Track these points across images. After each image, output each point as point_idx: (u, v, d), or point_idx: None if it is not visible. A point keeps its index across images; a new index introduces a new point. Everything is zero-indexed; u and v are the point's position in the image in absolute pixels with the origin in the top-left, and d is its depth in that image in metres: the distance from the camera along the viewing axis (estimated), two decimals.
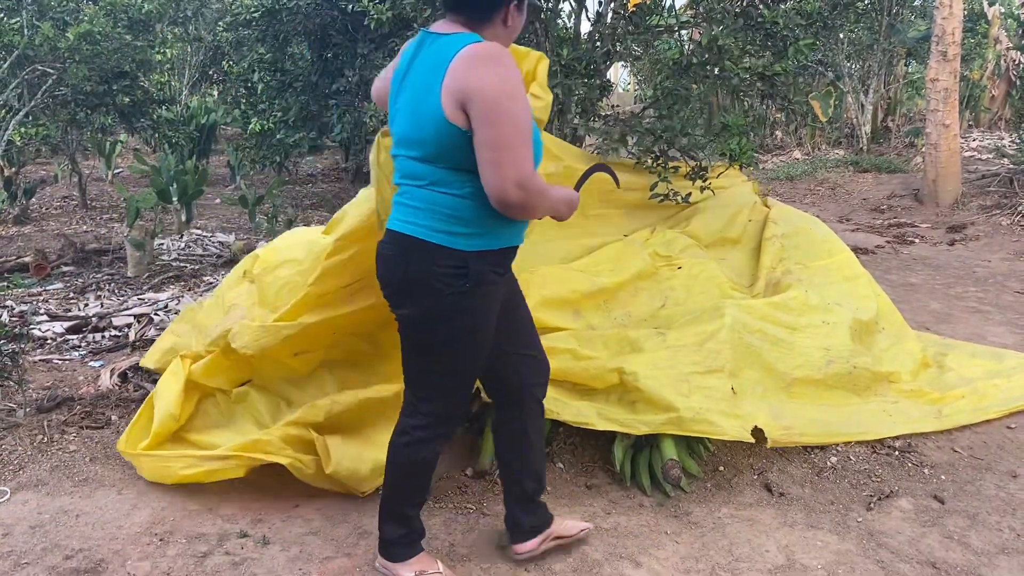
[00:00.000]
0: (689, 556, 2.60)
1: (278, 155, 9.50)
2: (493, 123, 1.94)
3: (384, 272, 2.24)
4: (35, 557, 2.54)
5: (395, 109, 2.20)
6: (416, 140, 2.10)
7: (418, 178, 2.13)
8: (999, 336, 4.67)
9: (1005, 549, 2.66)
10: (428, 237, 2.10)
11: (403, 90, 2.15)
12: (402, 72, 2.18)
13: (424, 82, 2.05)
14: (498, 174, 1.95)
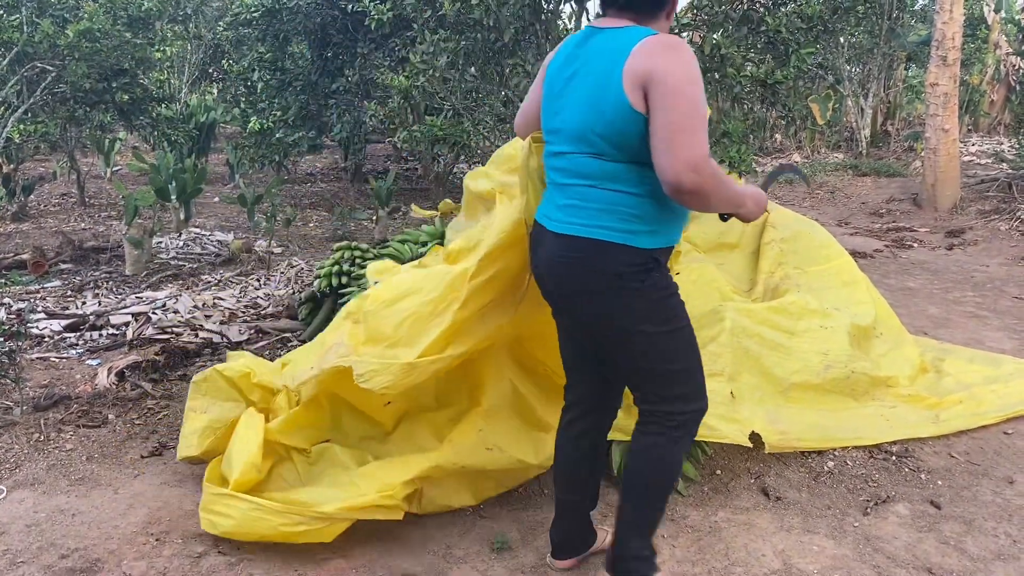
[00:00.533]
0: (685, 560, 2.60)
1: (277, 154, 9.51)
2: (672, 107, 1.90)
3: (558, 281, 2.17)
4: (31, 556, 2.54)
5: (559, 105, 2.15)
6: (594, 133, 2.04)
7: (593, 177, 2.07)
8: (997, 341, 4.67)
9: (1001, 555, 2.67)
10: (611, 238, 2.05)
11: (572, 84, 2.11)
12: (565, 67, 2.15)
13: (602, 71, 2.02)
14: (672, 155, 1.89)
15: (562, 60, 2.18)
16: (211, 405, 3.04)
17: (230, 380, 3.02)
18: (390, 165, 11.46)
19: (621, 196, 2.06)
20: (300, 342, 4.49)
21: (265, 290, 5.69)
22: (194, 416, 3.03)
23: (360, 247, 4.62)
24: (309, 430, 2.93)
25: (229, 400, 3.04)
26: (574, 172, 2.11)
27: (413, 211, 4.22)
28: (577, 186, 2.10)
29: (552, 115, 2.18)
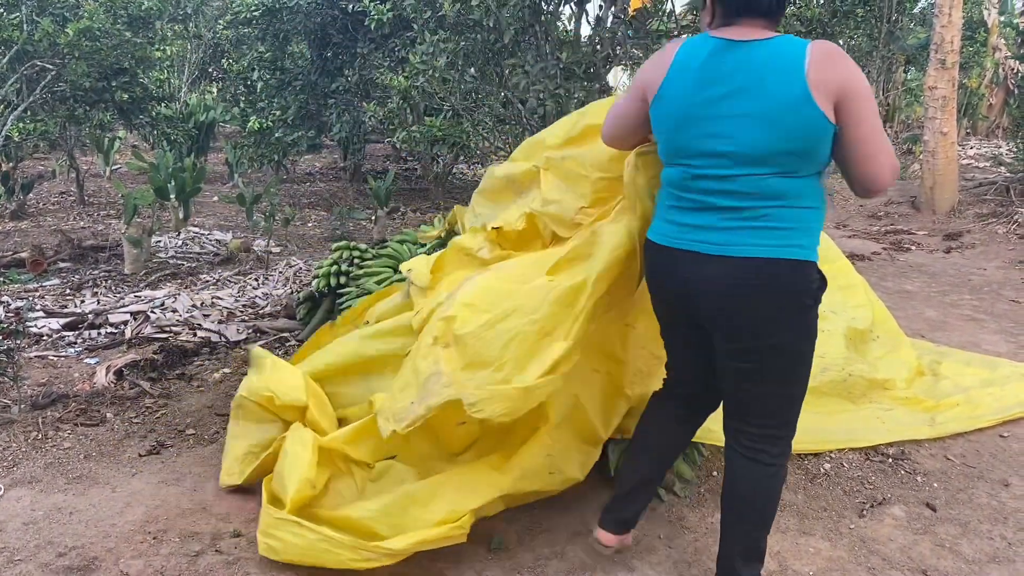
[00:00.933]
0: (682, 561, 2.61)
1: (276, 153, 9.51)
2: (871, 113, 1.94)
3: (736, 308, 2.06)
4: (28, 554, 2.54)
5: (717, 128, 2.02)
6: (783, 152, 1.96)
7: (783, 196, 1.99)
8: (993, 344, 4.69)
9: (996, 558, 2.67)
10: (805, 256, 2.02)
11: (734, 104, 2.00)
12: (709, 86, 2.04)
13: (779, 87, 1.94)
14: (880, 163, 1.95)
15: (698, 77, 2.05)
16: (247, 429, 2.97)
17: (257, 404, 2.94)
18: (389, 165, 11.47)
19: (808, 212, 2.03)
20: (298, 342, 4.49)
21: (263, 289, 5.69)
22: (235, 443, 2.97)
23: (359, 247, 4.63)
24: (375, 443, 2.78)
25: (265, 422, 2.95)
26: (754, 195, 2.00)
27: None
28: (760, 208, 2.00)
29: (704, 138, 2.04)
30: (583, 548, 2.64)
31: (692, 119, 2.06)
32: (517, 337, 2.45)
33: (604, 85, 5.31)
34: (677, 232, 2.13)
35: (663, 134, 2.16)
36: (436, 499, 2.52)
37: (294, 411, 2.89)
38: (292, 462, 2.61)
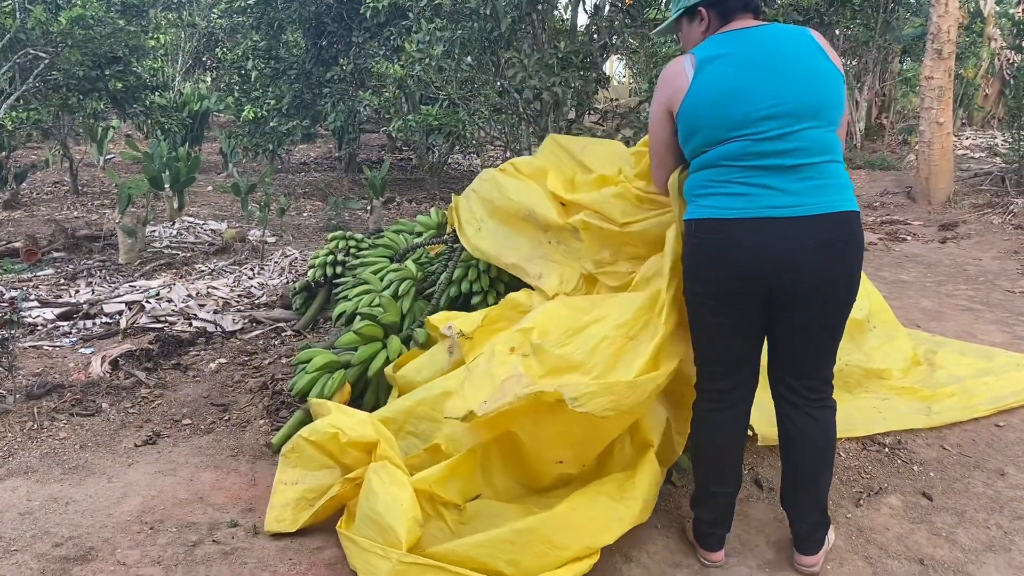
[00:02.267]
0: (679, 551, 2.61)
1: (271, 143, 9.48)
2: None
3: (826, 264, 2.20)
4: (24, 544, 2.53)
5: (765, 90, 2.19)
6: (822, 104, 2.21)
7: (829, 151, 2.22)
8: (989, 334, 4.69)
9: (992, 546, 2.68)
10: (856, 208, 2.25)
11: (772, 70, 2.21)
12: (744, 64, 2.22)
13: (803, 50, 2.24)
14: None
15: (734, 58, 2.23)
16: (303, 476, 2.79)
17: (318, 445, 2.76)
18: (384, 155, 11.43)
19: (840, 166, 2.27)
20: (294, 332, 4.48)
21: (259, 279, 5.68)
22: (286, 488, 2.77)
23: (355, 237, 4.61)
24: (463, 483, 2.66)
25: (322, 468, 2.77)
26: (812, 149, 2.20)
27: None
28: (816, 164, 2.20)
29: (761, 103, 2.19)
30: None
31: (742, 91, 2.20)
32: (604, 342, 2.51)
33: (601, 74, 5.29)
34: (744, 202, 2.20)
35: (708, 119, 2.24)
36: (564, 534, 2.39)
37: (360, 449, 2.67)
38: (390, 503, 2.39)
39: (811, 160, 2.19)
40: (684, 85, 2.26)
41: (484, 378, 2.53)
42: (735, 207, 2.21)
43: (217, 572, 2.43)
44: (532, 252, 3.21)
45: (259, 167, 10.79)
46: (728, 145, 2.22)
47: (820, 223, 2.17)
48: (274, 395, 3.60)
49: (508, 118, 6.19)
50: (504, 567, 2.31)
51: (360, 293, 3.94)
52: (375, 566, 2.31)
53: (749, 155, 2.20)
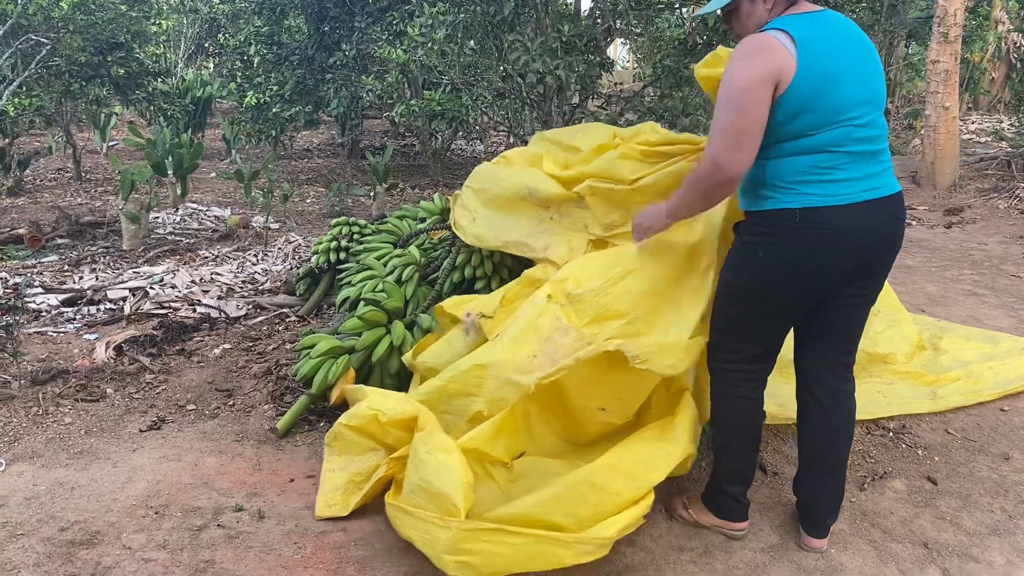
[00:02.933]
0: (683, 534, 2.61)
1: (274, 129, 9.46)
2: None
3: (893, 241, 2.36)
4: (31, 528, 2.54)
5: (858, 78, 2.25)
6: (883, 90, 2.33)
7: (886, 136, 2.34)
8: (994, 319, 4.68)
9: (996, 530, 2.68)
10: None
11: (854, 59, 2.26)
12: (835, 50, 2.23)
13: (864, 39, 2.31)
14: None
15: (829, 41, 2.23)
16: (348, 462, 2.81)
17: (359, 429, 2.78)
18: (387, 141, 11.41)
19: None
20: (298, 317, 4.48)
21: (263, 265, 5.68)
22: (333, 475, 2.80)
23: (358, 222, 4.61)
24: (509, 440, 2.69)
25: (366, 451, 2.80)
26: (884, 135, 2.32)
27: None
28: (886, 148, 2.33)
29: (857, 90, 2.24)
30: None
31: (843, 76, 2.22)
32: (642, 294, 2.57)
33: (605, 59, 5.26)
34: (849, 188, 2.24)
35: (818, 100, 2.19)
36: (615, 479, 2.39)
37: (401, 427, 2.68)
38: (440, 469, 2.36)
39: (884, 145, 2.32)
40: (791, 61, 2.15)
41: (529, 331, 2.56)
42: (842, 193, 2.23)
43: (222, 556, 2.44)
44: (534, 228, 3.18)
45: (262, 153, 10.77)
46: (833, 131, 2.21)
47: (895, 201, 2.33)
48: (278, 380, 3.61)
49: (511, 103, 6.15)
50: (563, 520, 2.30)
51: (364, 279, 3.94)
52: (433, 535, 2.27)
53: (851, 141, 2.23)
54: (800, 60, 2.15)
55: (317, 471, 2.92)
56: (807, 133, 2.21)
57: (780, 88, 2.17)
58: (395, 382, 3.45)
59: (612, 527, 2.29)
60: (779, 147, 2.24)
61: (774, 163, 2.25)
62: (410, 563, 2.43)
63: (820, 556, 2.52)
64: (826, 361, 2.48)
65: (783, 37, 2.19)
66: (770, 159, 2.26)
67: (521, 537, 2.22)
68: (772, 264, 2.28)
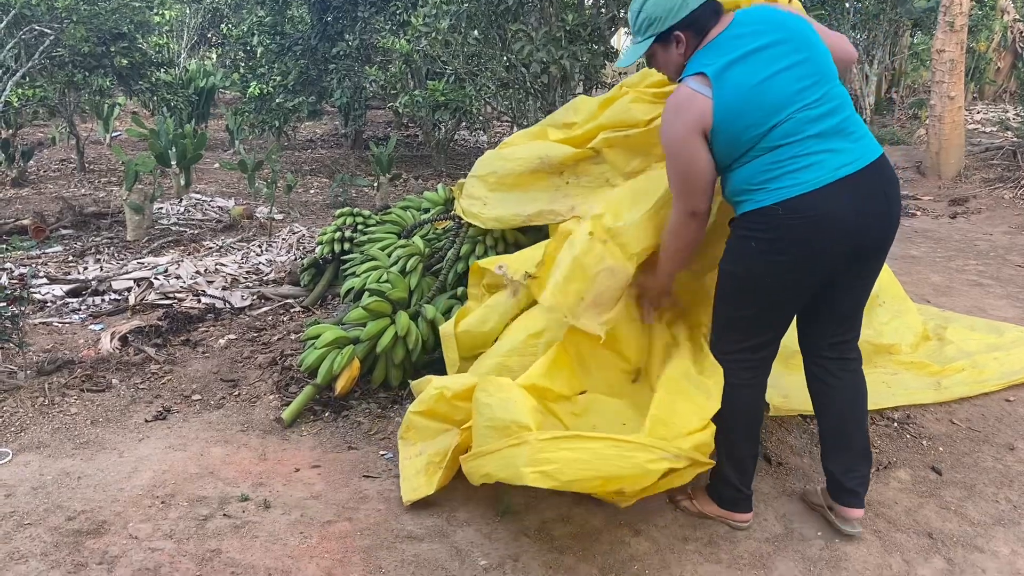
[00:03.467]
0: (688, 525, 2.62)
1: (277, 119, 9.44)
2: None
3: (892, 208, 2.35)
4: (38, 518, 2.55)
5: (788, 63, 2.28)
6: (827, 58, 2.34)
7: (847, 103, 2.32)
8: (999, 309, 4.67)
9: (1001, 520, 2.68)
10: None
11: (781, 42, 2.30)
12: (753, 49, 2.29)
13: (786, 16, 2.36)
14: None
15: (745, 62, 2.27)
16: (424, 446, 2.83)
17: (428, 413, 2.82)
18: (391, 131, 11.39)
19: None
20: (302, 308, 4.49)
21: (267, 256, 5.68)
22: (411, 462, 2.80)
23: (362, 213, 4.60)
24: (568, 375, 2.72)
25: (439, 433, 2.82)
26: (843, 104, 2.31)
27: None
28: (849, 116, 2.30)
29: (789, 81, 2.26)
30: (588, 510, 2.65)
31: (771, 76, 2.25)
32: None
33: (609, 48, 5.24)
34: (820, 171, 2.24)
35: (752, 115, 2.25)
36: (682, 411, 2.44)
37: (467, 398, 2.67)
38: (504, 404, 2.41)
39: (846, 114, 2.29)
40: (708, 103, 2.26)
41: (576, 271, 2.60)
42: (814, 178, 2.23)
43: (228, 546, 2.45)
44: (553, 196, 3.15)
45: (265, 144, 10.76)
46: (780, 127, 2.25)
47: (877, 169, 2.29)
48: (283, 371, 3.61)
49: (515, 93, 6.14)
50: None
51: (368, 269, 3.94)
52: (512, 457, 2.26)
53: (805, 126, 2.25)
54: (715, 96, 2.25)
55: (322, 461, 2.94)
56: (755, 143, 2.27)
57: (707, 130, 2.29)
58: (400, 373, 3.46)
59: (688, 442, 2.34)
60: (739, 161, 2.32)
61: (740, 171, 2.32)
62: (416, 551, 2.44)
63: (825, 546, 2.52)
64: (831, 341, 2.54)
65: (696, 83, 2.28)
66: (734, 171, 2.34)
67: (599, 442, 2.24)
68: (766, 256, 2.32)
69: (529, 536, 2.53)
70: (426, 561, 2.40)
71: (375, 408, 3.34)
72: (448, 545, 2.48)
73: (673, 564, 2.42)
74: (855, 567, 2.43)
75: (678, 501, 2.70)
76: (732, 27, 2.33)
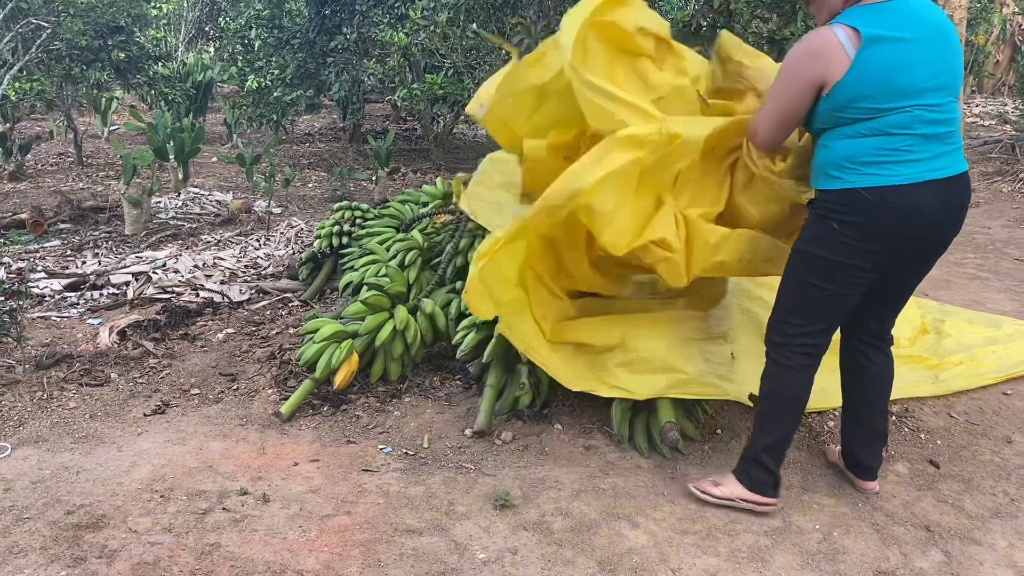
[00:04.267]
0: (686, 517, 2.62)
1: (275, 113, 9.41)
2: None
3: (960, 216, 2.44)
4: (37, 512, 2.56)
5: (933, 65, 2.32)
6: (960, 77, 2.42)
7: (958, 119, 2.41)
8: (997, 303, 4.68)
9: (998, 513, 2.69)
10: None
11: (931, 41, 2.33)
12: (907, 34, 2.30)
13: (945, 24, 2.38)
14: None
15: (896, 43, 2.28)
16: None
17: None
18: (389, 125, 11.37)
19: None
20: (301, 302, 4.49)
21: (265, 250, 5.68)
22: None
23: (360, 207, 4.60)
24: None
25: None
26: (956, 119, 2.39)
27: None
28: (955, 131, 2.39)
29: (929, 76, 2.31)
30: (586, 504, 2.66)
31: (910, 65, 2.29)
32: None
33: None
34: (917, 168, 2.32)
35: (877, 92, 2.29)
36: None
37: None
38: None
39: (953, 128, 2.38)
40: (844, 59, 2.28)
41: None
42: (910, 173, 2.32)
43: (227, 539, 2.45)
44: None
45: (263, 138, 10.74)
46: (899, 115, 2.30)
47: (960, 181, 2.39)
48: (282, 365, 3.61)
49: None
50: None
51: (366, 263, 3.94)
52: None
53: (919, 124, 2.31)
54: (858, 56, 2.27)
55: (321, 455, 2.94)
56: (864, 118, 2.32)
57: (827, 87, 2.33)
58: (398, 367, 3.46)
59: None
60: (840, 130, 2.37)
61: (841, 143, 2.37)
62: (415, 545, 2.44)
63: (823, 539, 2.53)
64: (873, 328, 2.69)
65: (843, 33, 2.30)
66: (836, 140, 2.38)
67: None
68: (849, 240, 2.38)
69: (527, 529, 2.54)
70: (425, 555, 2.40)
71: (374, 402, 3.34)
72: (447, 538, 2.49)
73: (671, 557, 2.43)
74: (853, 560, 2.44)
75: (704, 489, 2.69)
76: (896, 3, 2.34)
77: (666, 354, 3.02)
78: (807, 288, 2.50)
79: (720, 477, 2.70)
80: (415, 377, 3.53)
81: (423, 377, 3.54)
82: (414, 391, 3.44)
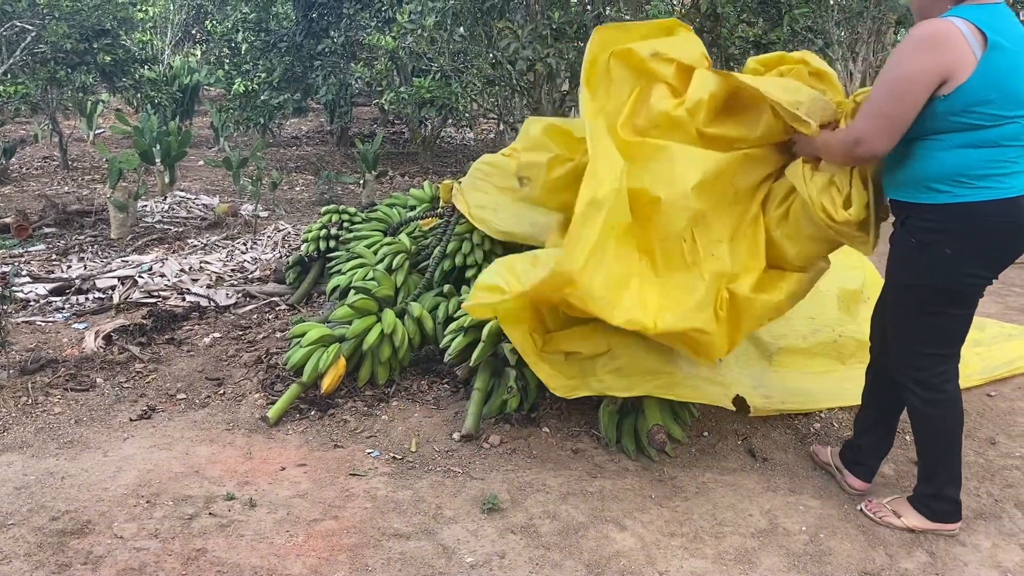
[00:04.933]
0: (673, 520, 2.63)
1: (262, 117, 9.39)
2: None
3: None
4: (21, 518, 2.54)
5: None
6: None
7: None
8: (982, 306, 4.63)
9: (983, 514, 2.71)
10: None
11: None
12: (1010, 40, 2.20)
13: None
14: None
15: (1007, 41, 2.17)
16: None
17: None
18: (376, 128, 11.36)
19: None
20: (288, 306, 4.47)
21: (252, 254, 5.66)
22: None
23: (348, 211, 4.60)
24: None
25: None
26: None
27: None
28: None
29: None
30: (574, 507, 2.66)
31: (1021, 72, 2.19)
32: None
33: None
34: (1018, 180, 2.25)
35: (999, 96, 2.19)
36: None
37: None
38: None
39: None
40: (970, 58, 2.15)
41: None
42: (1019, 185, 2.25)
43: (214, 544, 2.44)
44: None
45: (250, 141, 10.71)
46: (1009, 126, 2.22)
47: None
48: (269, 369, 3.60)
49: (501, 90, 6.14)
50: None
51: (354, 267, 3.94)
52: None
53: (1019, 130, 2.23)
54: (985, 58, 2.15)
55: (308, 459, 2.93)
56: (985, 125, 2.21)
57: (950, 84, 2.17)
58: (386, 371, 3.46)
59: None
60: (945, 138, 2.25)
61: (950, 154, 2.25)
62: (402, 549, 2.44)
63: (809, 540, 2.54)
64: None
65: (966, 28, 2.16)
66: (944, 150, 2.26)
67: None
68: (965, 258, 2.30)
69: (515, 533, 2.54)
70: (413, 559, 2.40)
71: (361, 406, 3.34)
72: (434, 543, 2.49)
73: (659, 559, 2.43)
74: (839, 561, 2.45)
75: (883, 518, 2.64)
76: (1001, 7, 2.22)
77: (654, 361, 3.02)
78: (934, 318, 2.44)
79: (898, 505, 2.64)
80: (403, 381, 3.53)
81: (411, 381, 3.54)
82: (402, 395, 3.44)
